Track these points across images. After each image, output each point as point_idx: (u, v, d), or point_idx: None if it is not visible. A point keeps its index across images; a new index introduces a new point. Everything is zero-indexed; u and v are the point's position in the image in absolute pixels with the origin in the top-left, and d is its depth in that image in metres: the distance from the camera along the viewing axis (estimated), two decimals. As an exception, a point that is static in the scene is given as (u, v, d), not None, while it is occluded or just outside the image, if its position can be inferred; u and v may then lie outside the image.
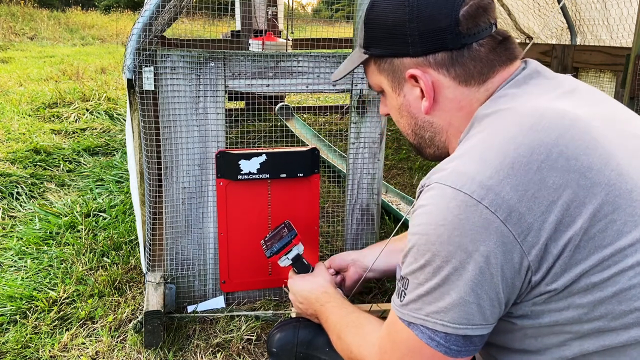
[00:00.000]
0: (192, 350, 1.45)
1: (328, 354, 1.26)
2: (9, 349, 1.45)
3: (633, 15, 2.93)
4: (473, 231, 0.68)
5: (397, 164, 3.35)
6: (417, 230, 0.74)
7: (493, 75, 0.83)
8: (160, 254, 1.59)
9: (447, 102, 0.85)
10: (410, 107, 0.90)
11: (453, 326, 0.72)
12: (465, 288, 0.70)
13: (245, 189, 1.57)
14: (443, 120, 0.87)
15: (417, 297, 0.75)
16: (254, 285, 1.67)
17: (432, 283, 0.72)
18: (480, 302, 0.71)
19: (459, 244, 0.69)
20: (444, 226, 0.70)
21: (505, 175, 0.69)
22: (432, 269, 0.72)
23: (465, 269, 0.70)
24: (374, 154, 1.66)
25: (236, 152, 1.53)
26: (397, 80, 0.89)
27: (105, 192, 2.64)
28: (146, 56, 1.41)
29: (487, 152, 0.72)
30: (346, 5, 1.77)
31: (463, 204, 0.69)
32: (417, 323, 0.75)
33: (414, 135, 0.93)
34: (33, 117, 4.03)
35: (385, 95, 0.95)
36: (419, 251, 0.74)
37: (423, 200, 0.75)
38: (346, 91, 1.60)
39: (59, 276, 1.81)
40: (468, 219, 0.69)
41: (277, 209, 1.61)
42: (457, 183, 0.71)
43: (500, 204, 0.68)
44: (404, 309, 0.77)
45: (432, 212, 0.72)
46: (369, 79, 0.96)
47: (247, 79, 1.52)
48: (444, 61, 0.83)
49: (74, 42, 11.85)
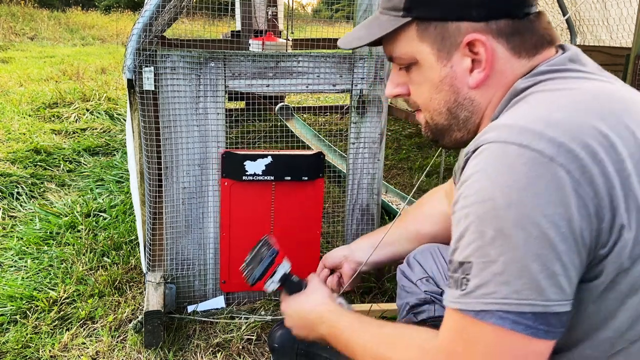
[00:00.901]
0: (192, 350, 1.45)
1: (329, 351, 1.26)
2: (9, 348, 1.45)
3: (633, 15, 2.93)
4: (548, 191, 0.60)
5: (397, 164, 3.35)
6: (476, 200, 0.64)
7: (541, 52, 0.78)
8: (161, 254, 1.59)
9: (497, 75, 0.78)
10: (455, 79, 0.79)
11: (542, 304, 0.62)
12: (549, 257, 0.61)
13: (249, 190, 1.57)
14: (485, 97, 0.80)
15: (489, 277, 0.63)
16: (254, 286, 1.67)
17: (507, 257, 0.62)
18: (567, 273, 0.62)
19: (533, 206, 0.60)
20: (511, 187, 0.61)
21: (575, 135, 0.63)
22: (505, 239, 0.62)
23: (546, 235, 0.60)
24: (374, 154, 1.66)
25: (242, 153, 1.53)
26: (447, 48, 0.78)
27: (105, 192, 2.64)
28: (146, 56, 1.41)
29: (554, 112, 0.65)
30: (346, 5, 1.77)
31: (532, 161, 0.61)
32: (492, 310, 0.63)
33: (448, 114, 0.83)
34: (33, 117, 4.03)
35: (418, 68, 0.83)
36: (482, 222, 0.63)
37: (475, 167, 0.65)
38: (346, 91, 1.60)
39: (59, 276, 1.82)
40: (540, 178, 0.61)
41: (280, 211, 1.61)
42: (522, 139, 0.63)
43: (574, 163, 0.61)
44: (470, 298, 0.65)
45: (493, 174, 0.63)
46: (397, 49, 0.83)
47: (247, 79, 1.52)
48: (506, 29, 0.75)
49: (74, 42, 11.85)
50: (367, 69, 1.58)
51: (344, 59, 1.56)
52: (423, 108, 0.86)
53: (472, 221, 0.65)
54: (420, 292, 1.25)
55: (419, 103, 0.86)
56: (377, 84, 1.60)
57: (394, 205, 2.43)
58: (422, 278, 1.24)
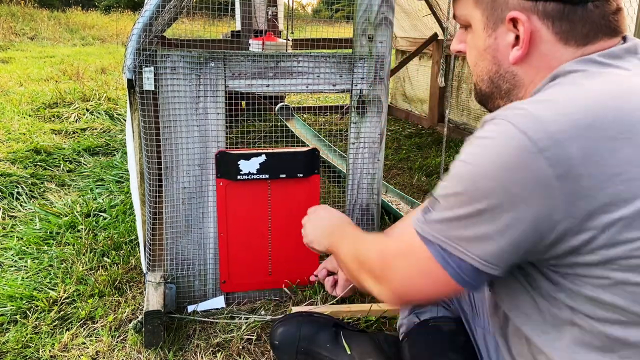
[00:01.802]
0: (192, 350, 1.45)
1: (329, 350, 1.27)
2: (9, 348, 1.45)
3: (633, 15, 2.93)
4: (524, 178, 0.66)
5: (397, 164, 3.35)
6: (467, 159, 0.72)
7: (594, 42, 0.77)
8: (161, 253, 1.59)
9: (539, 57, 0.78)
10: (497, 52, 0.82)
11: (471, 256, 0.72)
12: (495, 228, 0.69)
13: (245, 189, 1.57)
14: (527, 75, 0.81)
15: (443, 219, 0.74)
16: (254, 286, 1.67)
17: (463, 211, 0.72)
18: (504, 246, 0.70)
19: (504, 185, 0.67)
20: (495, 163, 0.68)
21: (578, 133, 0.65)
22: (467, 199, 0.71)
23: (503, 210, 0.68)
24: (374, 154, 1.66)
25: (236, 152, 1.53)
26: (494, 19, 0.80)
27: (105, 192, 2.64)
28: (146, 56, 1.41)
29: (569, 104, 0.68)
30: (346, 5, 1.77)
31: (523, 148, 0.66)
32: (435, 242, 0.75)
33: (490, 83, 0.86)
34: (33, 117, 4.03)
35: (471, 31, 0.86)
36: (460, 178, 0.72)
37: (483, 132, 0.72)
38: (346, 91, 1.60)
39: (59, 276, 1.82)
40: (523, 164, 0.66)
41: (277, 209, 1.61)
42: (526, 125, 0.67)
43: (562, 160, 0.64)
44: (426, 226, 0.77)
45: (488, 146, 0.70)
46: (458, 8, 0.87)
47: (247, 79, 1.52)
48: (554, 13, 0.75)
49: (74, 42, 11.85)
50: (367, 69, 1.58)
51: (344, 59, 1.56)
52: (472, 70, 0.89)
53: (454, 174, 0.74)
54: None
55: (470, 64, 0.90)
56: (377, 84, 1.60)
57: (394, 205, 2.42)
58: None
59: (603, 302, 0.70)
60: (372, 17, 1.54)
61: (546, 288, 0.76)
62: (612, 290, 0.69)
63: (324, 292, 1.67)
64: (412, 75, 4.84)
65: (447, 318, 1.20)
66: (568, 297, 0.73)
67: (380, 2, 1.53)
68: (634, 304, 0.69)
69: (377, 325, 1.56)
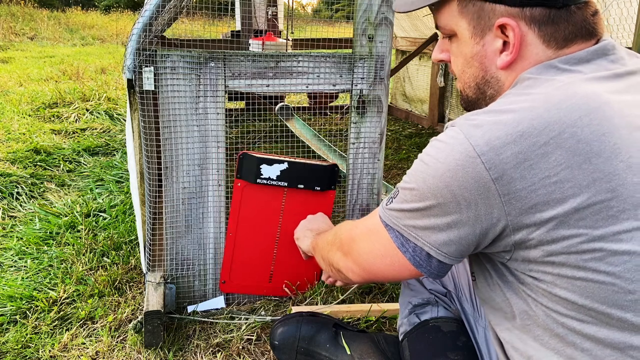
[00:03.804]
0: (192, 350, 1.45)
1: (329, 350, 1.27)
2: (9, 349, 1.45)
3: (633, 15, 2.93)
4: (464, 179, 0.74)
5: (397, 164, 3.35)
6: (422, 158, 0.81)
7: (572, 44, 0.80)
8: (160, 254, 1.59)
9: (523, 60, 0.82)
10: (485, 58, 0.85)
11: (424, 242, 0.82)
12: (443, 222, 0.78)
13: (262, 194, 1.57)
14: (510, 79, 0.84)
15: (400, 209, 0.84)
16: (252, 290, 1.67)
17: (414, 205, 0.81)
18: (453, 239, 0.79)
19: (447, 184, 0.76)
20: (442, 164, 0.76)
21: (511, 140, 0.72)
22: (418, 195, 0.80)
23: (446, 206, 0.77)
24: (374, 154, 1.66)
25: (259, 156, 1.53)
26: (481, 27, 0.83)
27: (105, 192, 2.64)
28: (146, 56, 1.41)
29: (507, 114, 0.74)
30: (346, 5, 1.77)
31: (465, 153, 0.74)
32: (394, 228, 0.86)
33: (476, 89, 0.90)
34: (33, 117, 4.03)
35: (456, 40, 0.89)
36: (414, 176, 0.82)
37: (441, 136, 0.80)
38: (346, 91, 1.60)
39: (59, 276, 1.81)
40: (464, 167, 0.74)
41: (288, 218, 1.61)
42: (470, 133, 0.74)
43: (497, 164, 0.72)
44: (387, 213, 0.87)
45: (439, 149, 0.78)
46: (441, 19, 0.89)
47: (247, 79, 1.52)
48: (540, 18, 0.79)
49: (74, 42, 11.84)
50: (367, 69, 1.58)
51: (344, 59, 1.56)
52: (457, 78, 0.94)
53: (412, 170, 0.83)
54: (424, 290, 1.25)
55: (455, 72, 0.93)
56: (377, 84, 1.60)
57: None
58: None
59: (559, 297, 0.76)
60: (372, 17, 1.54)
61: (515, 284, 0.82)
62: (563, 285, 0.75)
63: (324, 292, 1.67)
64: (412, 75, 4.84)
65: (448, 318, 1.20)
66: (532, 292, 0.80)
67: (380, 2, 1.53)
68: (582, 298, 0.73)
69: (377, 325, 1.56)
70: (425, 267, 0.84)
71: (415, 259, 0.84)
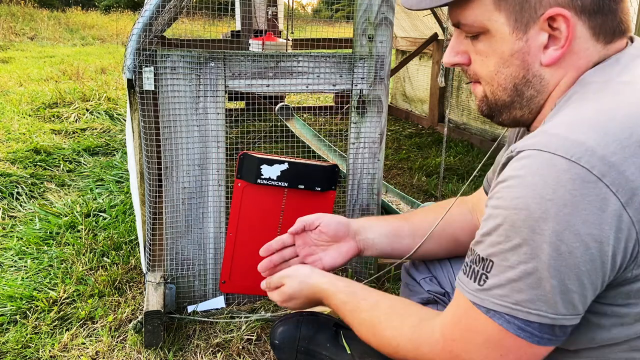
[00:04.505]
0: (192, 350, 1.45)
1: (329, 349, 1.27)
2: (9, 349, 1.45)
3: (633, 15, 2.93)
4: (587, 211, 0.59)
5: (397, 164, 3.35)
6: (512, 205, 0.64)
7: (617, 39, 0.73)
8: (160, 254, 1.59)
9: (571, 55, 0.73)
10: (528, 54, 0.74)
11: (552, 316, 0.64)
12: (569, 275, 0.62)
13: (262, 194, 1.57)
14: (555, 77, 0.75)
15: (506, 281, 0.65)
16: (252, 291, 1.67)
17: (528, 267, 0.63)
18: (584, 292, 0.63)
19: (568, 224, 0.60)
20: (552, 201, 0.60)
21: (632, 153, 0.60)
22: (530, 250, 0.62)
23: (573, 254, 0.61)
24: (374, 154, 1.66)
25: (259, 156, 1.53)
26: (525, 20, 0.73)
27: (105, 192, 2.64)
28: (146, 56, 1.41)
29: (609, 123, 0.62)
30: (346, 5, 1.77)
31: (579, 179, 0.59)
32: (501, 312, 0.66)
33: (513, 90, 0.78)
34: (33, 117, 4.03)
35: (488, 38, 0.77)
36: (513, 228, 0.63)
37: (517, 170, 0.64)
38: (346, 91, 1.60)
39: (59, 276, 1.81)
40: (584, 197, 0.59)
41: (289, 219, 1.61)
42: (572, 153, 0.61)
43: (624, 184, 0.59)
44: (485, 294, 0.67)
45: (535, 184, 0.62)
46: (468, 15, 0.77)
47: (247, 79, 1.52)
48: (590, 7, 0.70)
49: (74, 42, 11.85)
50: (367, 69, 1.58)
51: (344, 59, 1.56)
52: (485, 81, 0.81)
53: (501, 223, 0.65)
54: (423, 291, 1.25)
55: (481, 75, 0.81)
56: (377, 84, 1.60)
57: (394, 205, 2.42)
58: (425, 277, 1.24)
59: None
60: (372, 17, 1.54)
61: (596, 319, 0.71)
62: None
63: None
64: (412, 75, 4.84)
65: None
66: None
67: (381, 2, 1.53)
68: None
69: (377, 326, 1.56)
70: (556, 340, 0.67)
71: (544, 339, 0.66)
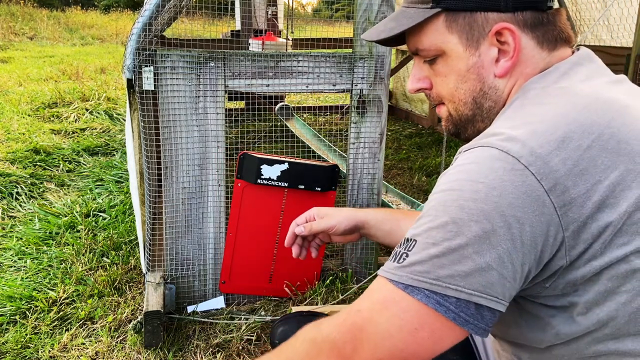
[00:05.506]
0: (192, 351, 1.45)
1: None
2: (9, 349, 1.45)
3: (633, 15, 2.93)
4: (514, 195, 0.65)
5: (397, 164, 3.35)
6: (448, 187, 0.69)
7: (560, 46, 0.81)
8: (160, 254, 1.59)
9: (521, 64, 0.81)
10: (482, 68, 0.82)
11: (467, 291, 0.66)
12: (491, 253, 0.65)
13: (262, 194, 1.57)
14: (507, 86, 0.82)
15: (427, 257, 0.67)
16: (252, 291, 1.67)
17: (452, 243, 0.66)
18: (504, 272, 0.66)
19: (495, 205, 0.65)
20: (483, 184, 0.66)
21: (555, 147, 0.67)
22: (456, 228, 0.66)
23: (497, 233, 0.65)
24: (374, 154, 1.66)
25: (259, 156, 1.53)
26: (475, 37, 0.81)
27: (105, 192, 2.64)
28: (146, 56, 1.41)
29: (538, 124, 0.70)
30: (346, 5, 1.77)
31: (509, 166, 0.66)
32: (420, 287, 0.67)
33: (473, 104, 0.85)
34: (33, 117, 4.03)
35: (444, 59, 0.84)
36: (444, 208, 0.67)
37: (462, 160, 0.70)
38: (346, 91, 1.60)
39: (58, 276, 1.81)
40: (512, 182, 0.65)
41: (289, 219, 1.60)
42: (505, 146, 0.68)
43: (547, 173, 0.66)
44: (402, 271, 0.68)
45: (471, 170, 0.68)
46: (424, 41, 0.84)
47: (247, 79, 1.51)
48: (531, 21, 0.79)
49: (73, 42, 11.84)
50: (367, 68, 1.58)
51: (344, 59, 1.56)
52: (447, 100, 0.87)
53: (433, 206, 0.69)
54: None
55: (443, 94, 0.87)
56: (377, 84, 1.60)
57: (394, 205, 2.42)
58: None
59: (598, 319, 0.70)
60: (372, 17, 1.54)
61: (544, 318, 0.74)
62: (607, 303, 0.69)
63: (324, 292, 1.67)
64: (412, 75, 4.83)
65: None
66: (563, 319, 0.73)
67: (381, 2, 1.53)
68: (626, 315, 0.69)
69: (377, 326, 1.55)
70: (473, 323, 0.67)
71: (460, 317, 0.67)
